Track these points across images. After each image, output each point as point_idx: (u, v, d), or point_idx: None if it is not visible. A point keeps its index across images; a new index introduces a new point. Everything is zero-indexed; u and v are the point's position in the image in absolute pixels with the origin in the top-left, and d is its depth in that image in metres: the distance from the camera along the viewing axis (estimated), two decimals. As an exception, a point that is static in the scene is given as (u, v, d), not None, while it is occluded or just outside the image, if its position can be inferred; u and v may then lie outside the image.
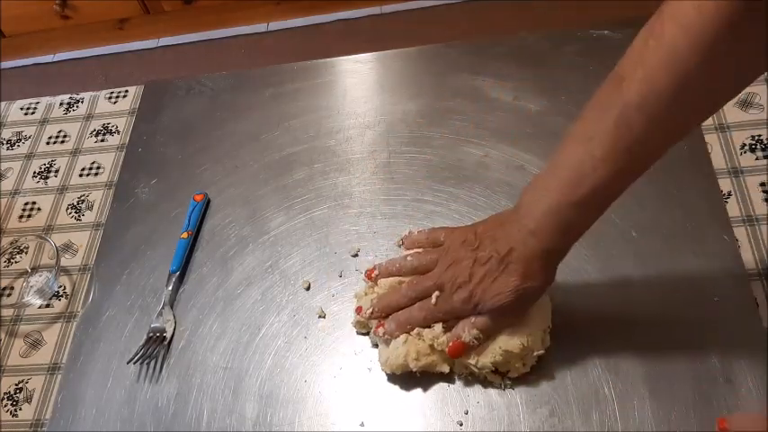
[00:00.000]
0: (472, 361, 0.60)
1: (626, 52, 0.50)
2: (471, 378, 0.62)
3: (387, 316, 0.63)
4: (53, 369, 0.72)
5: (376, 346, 0.65)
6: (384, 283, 0.65)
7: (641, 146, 0.50)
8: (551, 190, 0.54)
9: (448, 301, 0.60)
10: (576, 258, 0.68)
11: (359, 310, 0.65)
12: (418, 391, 0.63)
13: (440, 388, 0.63)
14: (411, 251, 0.66)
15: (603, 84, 0.52)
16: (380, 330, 0.63)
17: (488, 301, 0.58)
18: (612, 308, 0.64)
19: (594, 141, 0.51)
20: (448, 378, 0.63)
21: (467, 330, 0.59)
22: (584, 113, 0.53)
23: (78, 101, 0.96)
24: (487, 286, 0.58)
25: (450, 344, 0.60)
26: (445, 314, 0.61)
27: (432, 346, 0.61)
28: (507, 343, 0.59)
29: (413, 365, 0.61)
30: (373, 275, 0.66)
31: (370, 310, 0.64)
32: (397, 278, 0.65)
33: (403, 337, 0.62)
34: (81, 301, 0.76)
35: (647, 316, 0.63)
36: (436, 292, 0.61)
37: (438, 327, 0.61)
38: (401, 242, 0.69)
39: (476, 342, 0.59)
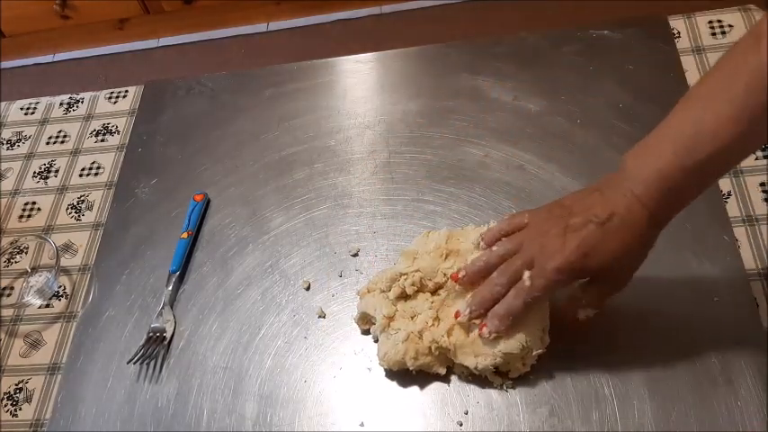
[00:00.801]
0: (471, 364, 0.60)
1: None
2: (471, 378, 0.62)
3: (486, 312, 0.59)
4: (53, 369, 0.72)
5: (377, 340, 0.65)
6: (380, 278, 0.65)
7: None
8: (663, 154, 0.51)
9: (542, 275, 0.55)
10: (576, 258, 0.68)
11: (457, 314, 0.60)
12: (418, 391, 0.63)
13: (440, 388, 0.63)
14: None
15: (736, 44, 0.49)
16: (485, 331, 0.58)
17: (594, 263, 0.54)
18: (612, 308, 0.64)
19: (720, 102, 0.48)
20: (447, 378, 0.63)
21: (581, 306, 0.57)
22: (710, 74, 0.50)
23: (78, 101, 0.96)
24: (588, 250, 0.54)
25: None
26: (544, 291, 0.56)
27: (430, 348, 0.61)
28: (507, 345, 0.59)
29: (410, 364, 0.61)
30: (460, 277, 0.61)
31: (468, 310, 0.59)
32: (390, 272, 0.65)
33: (404, 334, 0.61)
34: (81, 301, 0.76)
35: (647, 316, 0.63)
36: (527, 272, 0.56)
37: (441, 327, 0.61)
38: (480, 240, 0.62)
39: (590, 316, 0.58)
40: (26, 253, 0.81)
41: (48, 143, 0.92)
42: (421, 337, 0.61)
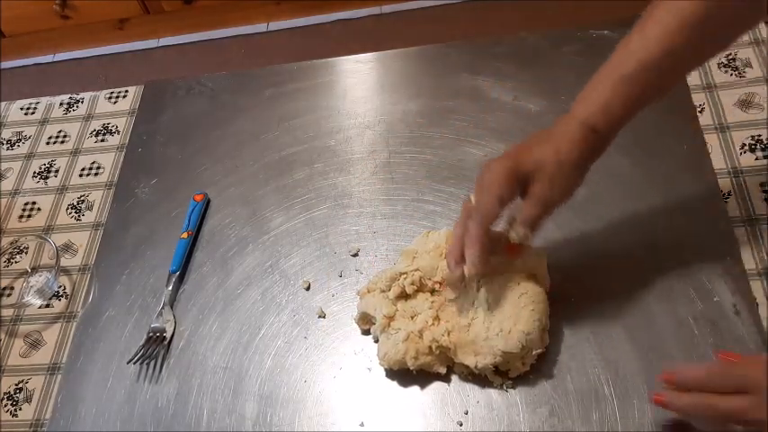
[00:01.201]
0: (471, 363, 0.60)
1: None
2: (471, 378, 0.62)
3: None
4: (53, 369, 0.72)
5: (377, 341, 0.65)
6: (380, 277, 0.65)
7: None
8: (598, 74, 0.58)
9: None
10: (576, 259, 0.68)
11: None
12: (418, 391, 0.63)
13: (440, 388, 0.63)
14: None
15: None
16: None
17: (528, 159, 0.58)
18: (612, 308, 0.64)
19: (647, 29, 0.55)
20: (447, 378, 0.63)
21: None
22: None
23: (78, 101, 0.96)
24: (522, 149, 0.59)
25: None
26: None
27: (431, 348, 0.61)
28: (506, 344, 0.59)
29: (410, 363, 0.61)
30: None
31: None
32: (389, 272, 0.65)
33: (404, 334, 0.61)
34: (81, 301, 0.76)
35: (647, 316, 0.63)
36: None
37: (441, 326, 0.61)
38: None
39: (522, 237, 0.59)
40: (26, 253, 0.81)
41: (48, 143, 0.92)
42: (421, 336, 0.61)
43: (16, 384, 0.72)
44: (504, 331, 0.59)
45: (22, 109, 0.97)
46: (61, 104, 0.96)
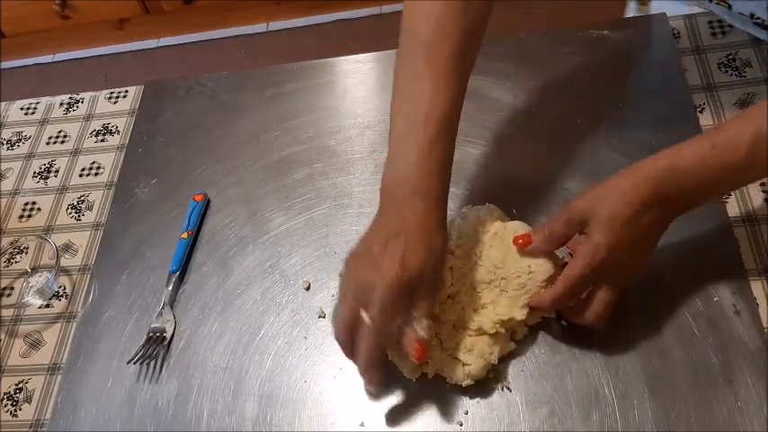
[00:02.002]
0: (462, 378, 0.61)
1: None
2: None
3: None
4: (53, 369, 0.72)
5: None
6: None
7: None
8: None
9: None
10: (576, 258, 0.68)
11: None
12: (418, 391, 0.63)
13: (440, 388, 0.63)
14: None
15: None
16: None
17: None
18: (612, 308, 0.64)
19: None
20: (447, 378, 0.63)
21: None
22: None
23: (78, 101, 0.96)
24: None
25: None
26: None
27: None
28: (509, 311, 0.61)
29: (406, 373, 0.62)
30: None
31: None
32: None
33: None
34: (81, 302, 0.76)
35: (647, 316, 0.63)
36: None
37: (447, 324, 0.62)
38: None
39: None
40: (26, 253, 0.81)
41: (48, 143, 0.92)
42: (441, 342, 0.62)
43: (16, 384, 0.72)
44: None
45: (22, 109, 0.97)
46: (61, 104, 0.96)
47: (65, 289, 0.78)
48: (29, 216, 0.85)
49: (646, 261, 0.60)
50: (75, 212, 0.84)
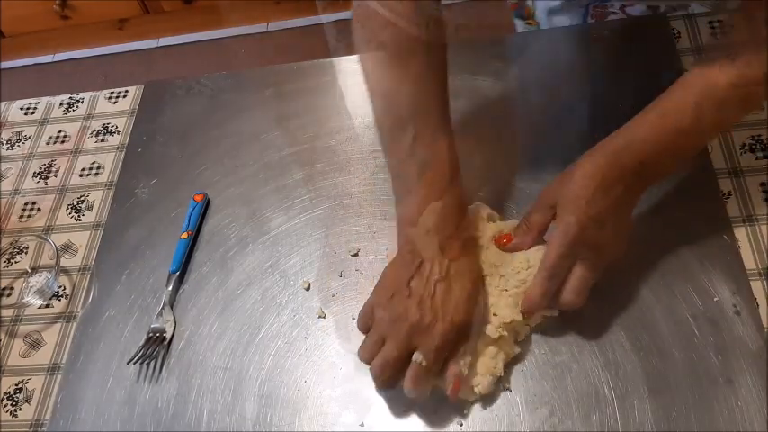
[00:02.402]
0: (473, 396, 0.61)
1: None
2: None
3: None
4: (53, 369, 0.72)
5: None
6: None
7: None
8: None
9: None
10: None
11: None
12: (418, 391, 0.63)
13: (440, 388, 0.63)
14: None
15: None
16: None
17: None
18: (612, 308, 0.64)
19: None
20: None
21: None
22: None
23: (78, 101, 0.96)
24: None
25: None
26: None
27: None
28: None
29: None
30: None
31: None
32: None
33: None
34: (81, 302, 0.76)
35: (647, 315, 0.63)
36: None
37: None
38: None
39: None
40: (26, 253, 0.81)
41: (48, 143, 0.92)
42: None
43: (16, 384, 0.72)
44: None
45: (22, 109, 0.97)
46: (61, 104, 0.96)
47: (65, 289, 0.78)
48: (29, 216, 0.85)
49: (621, 237, 0.61)
50: (75, 212, 0.84)
